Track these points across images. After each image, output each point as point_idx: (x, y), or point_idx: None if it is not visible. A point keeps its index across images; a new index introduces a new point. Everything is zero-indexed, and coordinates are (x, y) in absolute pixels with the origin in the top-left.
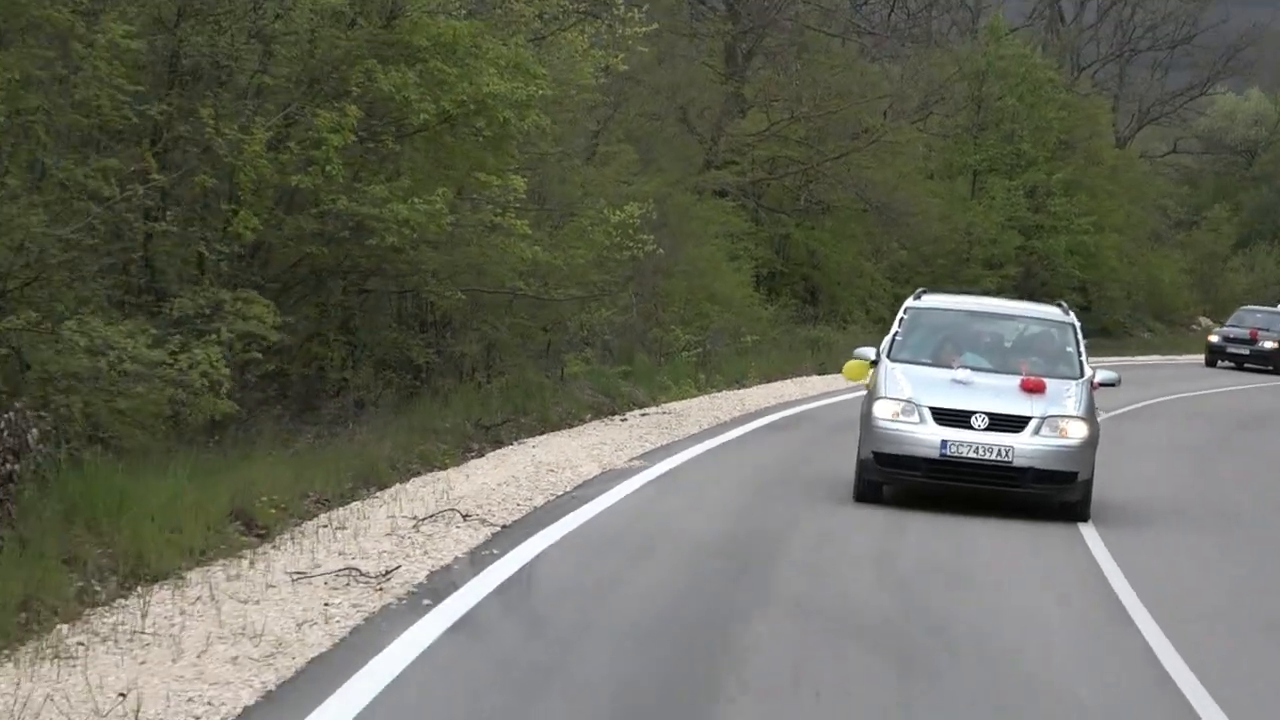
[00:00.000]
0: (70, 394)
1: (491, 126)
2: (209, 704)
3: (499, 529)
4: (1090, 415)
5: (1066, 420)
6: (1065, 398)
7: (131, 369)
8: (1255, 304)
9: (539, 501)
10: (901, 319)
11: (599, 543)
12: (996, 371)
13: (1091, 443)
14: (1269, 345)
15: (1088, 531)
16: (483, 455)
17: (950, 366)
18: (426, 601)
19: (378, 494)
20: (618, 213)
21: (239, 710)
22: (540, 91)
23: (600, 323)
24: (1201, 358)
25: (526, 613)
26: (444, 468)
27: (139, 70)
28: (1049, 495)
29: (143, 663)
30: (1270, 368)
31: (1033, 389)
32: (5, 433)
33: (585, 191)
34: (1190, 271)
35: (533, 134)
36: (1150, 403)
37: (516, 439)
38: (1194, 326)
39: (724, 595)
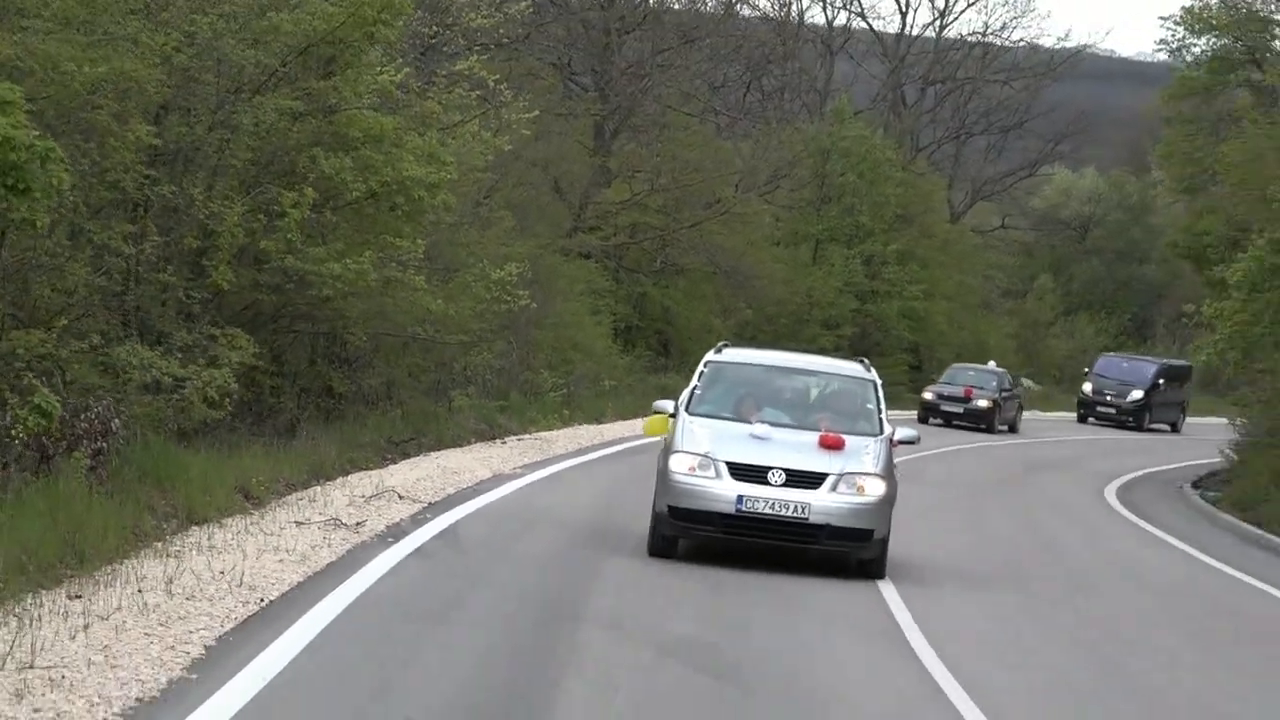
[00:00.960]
0: (126, 398)
1: (409, 202)
2: (274, 580)
3: (426, 505)
4: (888, 473)
5: (864, 477)
6: (864, 454)
7: (166, 382)
8: (970, 363)
9: (451, 491)
10: (701, 373)
11: (499, 515)
12: (796, 427)
13: (889, 500)
14: (983, 404)
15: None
16: (397, 462)
17: (749, 421)
18: (390, 540)
19: (329, 482)
20: (498, 271)
21: (293, 584)
22: (449, 176)
23: (481, 365)
24: (1028, 415)
25: (457, 548)
26: (370, 468)
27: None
28: (845, 552)
29: (224, 558)
30: (983, 426)
31: (831, 445)
32: (97, 420)
33: (470, 252)
34: (1015, 336)
35: (438, 207)
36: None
37: (421, 453)
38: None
39: (590, 546)
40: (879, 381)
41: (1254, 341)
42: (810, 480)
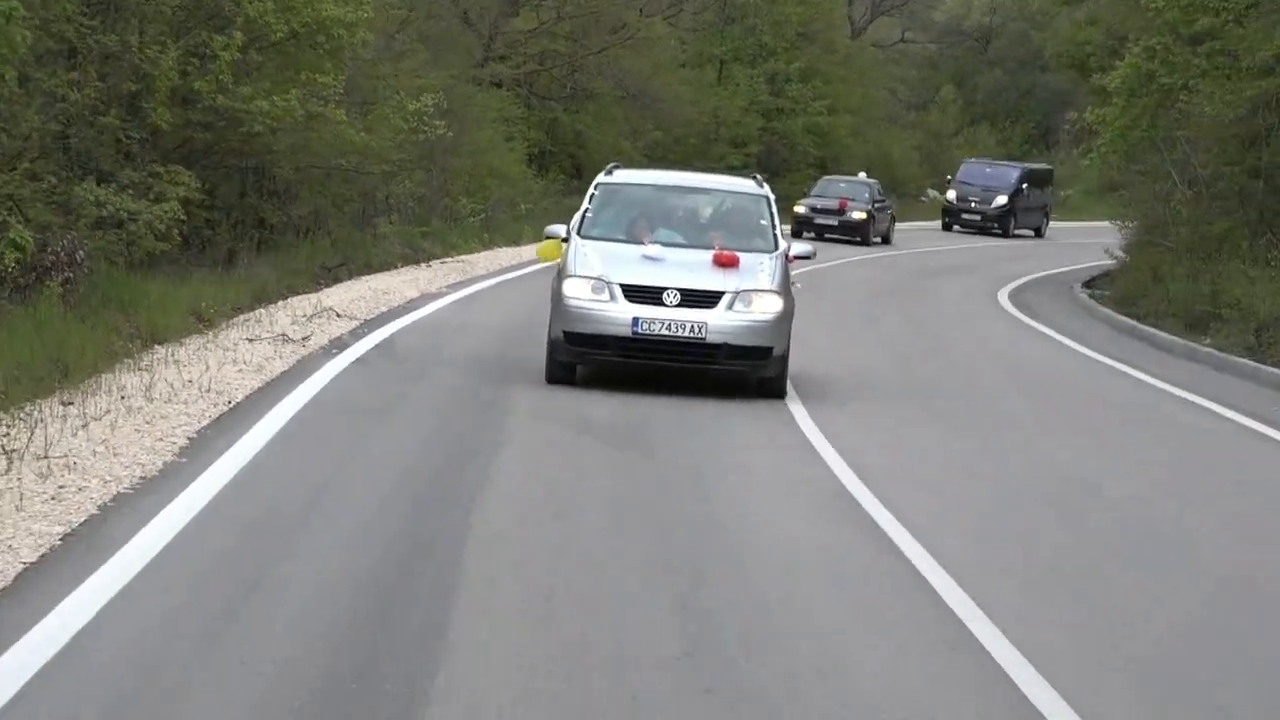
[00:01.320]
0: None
1: (329, 41)
2: (236, 387)
3: (362, 321)
4: (785, 289)
5: (760, 294)
6: (759, 271)
7: (120, 216)
8: (841, 175)
9: (383, 309)
10: (592, 195)
11: (430, 328)
12: (690, 246)
13: (786, 316)
14: (857, 215)
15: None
16: (331, 286)
17: (642, 243)
18: (334, 351)
19: (271, 305)
20: (414, 103)
21: (254, 389)
22: (365, 15)
23: (403, 193)
24: (927, 224)
25: (394, 357)
26: (307, 293)
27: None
28: (744, 371)
29: (190, 370)
30: (857, 238)
31: (726, 264)
32: (63, 253)
33: (387, 85)
34: (919, 148)
35: (356, 44)
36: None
37: (352, 277)
38: (922, 198)
39: (513, 348)
40: (772, 197)
41: (1134, 144)
42: (706, 299)
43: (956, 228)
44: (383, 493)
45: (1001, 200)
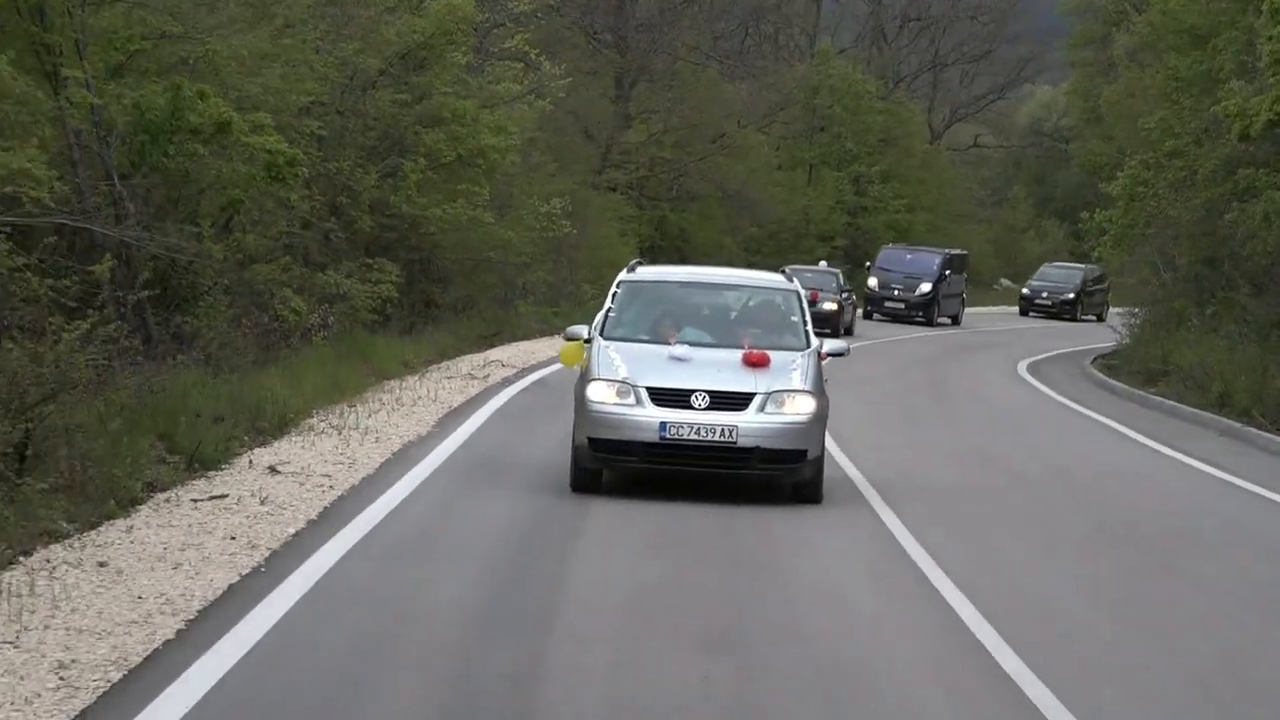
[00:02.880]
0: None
1: (485, 163)
2: (451, 400)
3: (520, 368)
4: (819, 389)
5: (793, 395)
6: (791, 371)
7: (349, 293)
8: (803, 264)
9: (533, 361)
10: (614, 294)
11: (568, 373)
12: (717, 346)
13: (820, 418)
14: (828, 306)
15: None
16: (490, 349)
17: (668, 343)
18: (506, 387)
19: (451, 360)
20: (544, 206)
21: (462, 401)
22: (513, 143)
23: (536, 280)
24: (998, 309)
25: (547, 387)
26: (474, 352)
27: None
28: (778, 476)
29: (416, 393)
30: (829, 330)
31: (756, 363)
32: (318, 317)
33: (523, 191)
34: (993, 241)
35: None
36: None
37: (503, 343)
38: (995, 286)
39: None
40: (802, 292)
41: (1132, 240)
42: (736, 401)
43: (877, 315)
44: (556, 440)
45: (925, 288)
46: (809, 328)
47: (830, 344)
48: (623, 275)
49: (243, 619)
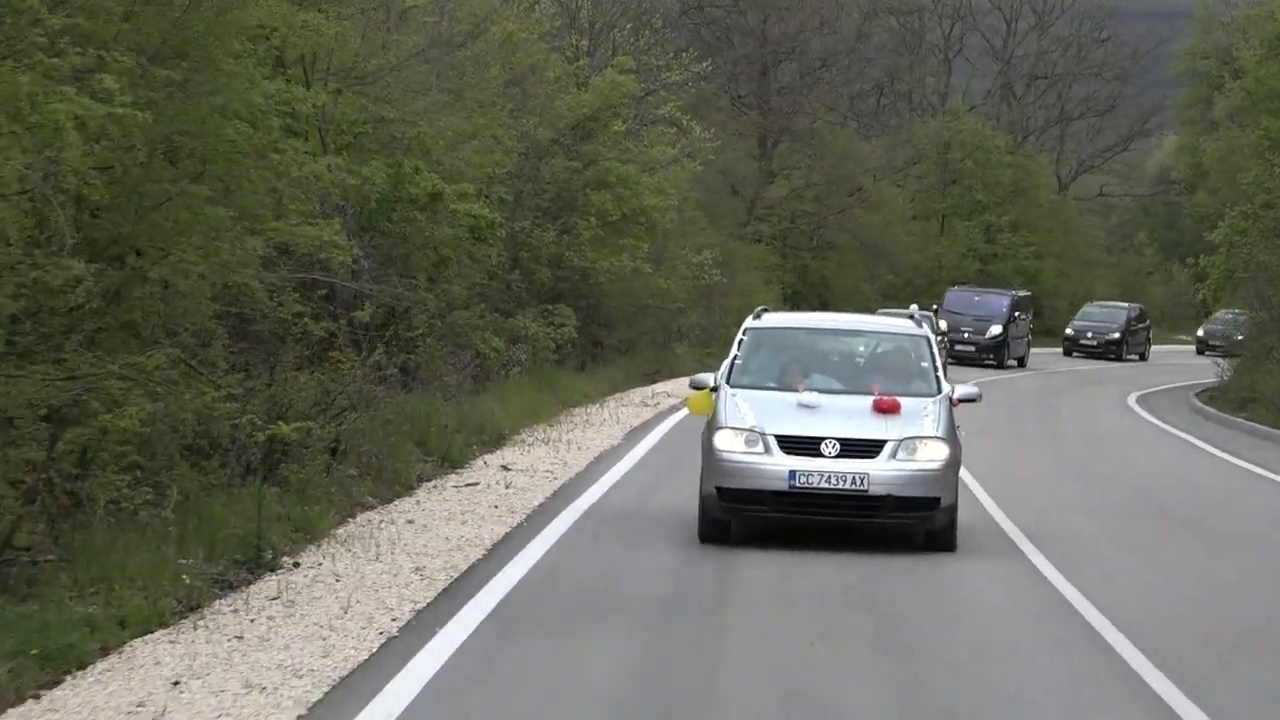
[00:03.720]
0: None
1: (647, 221)
2: (629, 421)
3: (684, 399)
4: (951, 435)
5: (925, 442)
6: (923, 417)
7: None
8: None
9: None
10: (741, 341)
11: None
12: (846, 392)
13: (953, 465)
14: None
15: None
16: (654, 384)
17: (795, 390)
18: (675, 412)
19: (623, 392)
20: (696, 257)
21: (640, 423)
22: (671, 203)
23: (690, 324)
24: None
25: None
26: (640, 386)
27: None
28: (911, 524)
29: (599, 417)
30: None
31: (887, 409)
32: (511, 356)
33: (677, 244)
34: (1119, 285)
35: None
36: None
37: (665, 379)
38: None
39: None
40: (932, 337)
41: (1235, 284)
42: (867, 449)
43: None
44: None
45: (996, 330)
46: (939, 373)
47: (962, 389)
48: (749, 322)
49: (523, 549)
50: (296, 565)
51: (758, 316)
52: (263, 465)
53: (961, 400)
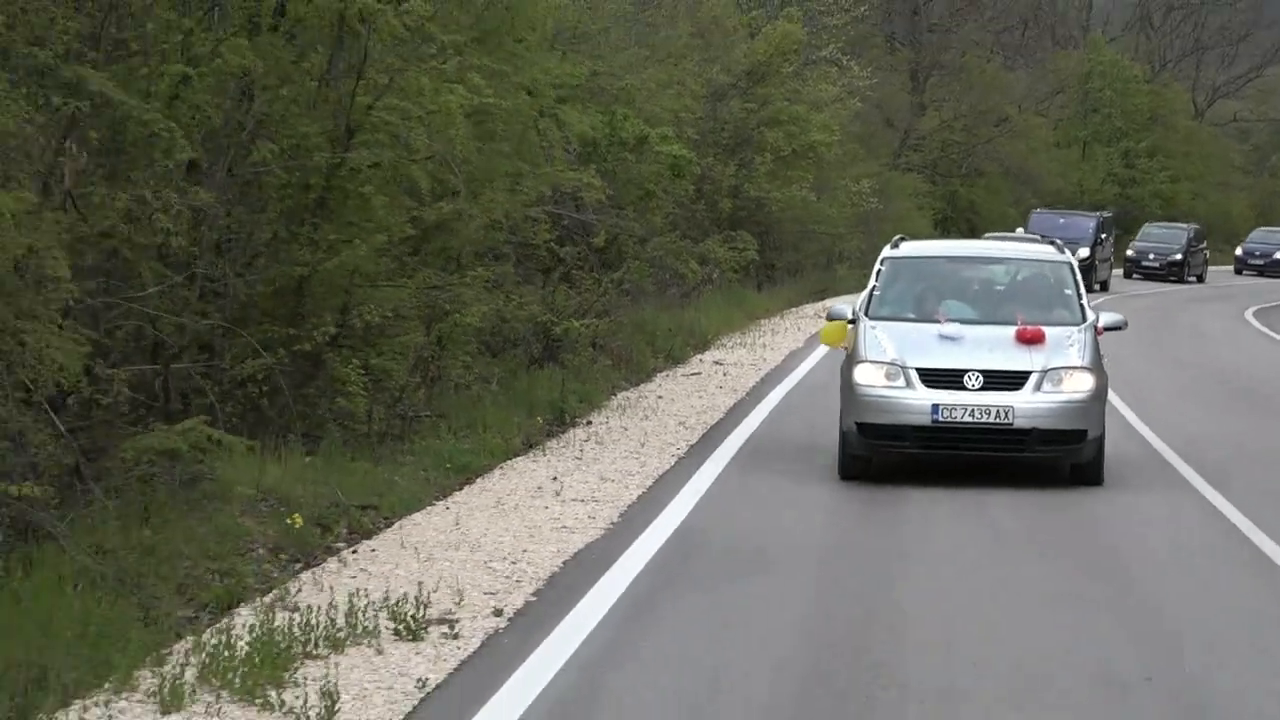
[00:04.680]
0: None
1: (815, 156)
2: (805, 333)
3: None
4: (1097, 365)
5: (1071, 372)
6: (1068, 347)
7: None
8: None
9: None
10: (879, 271)
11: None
12: (988, 323)
13: (1100, 395)
14: None
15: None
16: (821, 300)
17: (936, 321)
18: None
19: (796, 308)
20: (855, 186)
21: (799, 346)
22: (835, 138)
23: (851, 248)
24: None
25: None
26: (810, 303)
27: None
28: (1057, 458)
29: (781, 326)
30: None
31: (1030, 339)
32: (705, 270)
33: (837, 174)
34: (1255, 206)
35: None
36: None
37: (830, 297)
38: None
39: None
40: (1075, 263)
41: None
42: (1011, 380)
43: None
44: None
45: (1084, 252)
46: (1084, 301)
47: (1106, 316)
48: (886, 251)
49: (754, 409)
50: (589, 424)
51: (895, 245)
52: (543, 355)
53: (1107, 328)
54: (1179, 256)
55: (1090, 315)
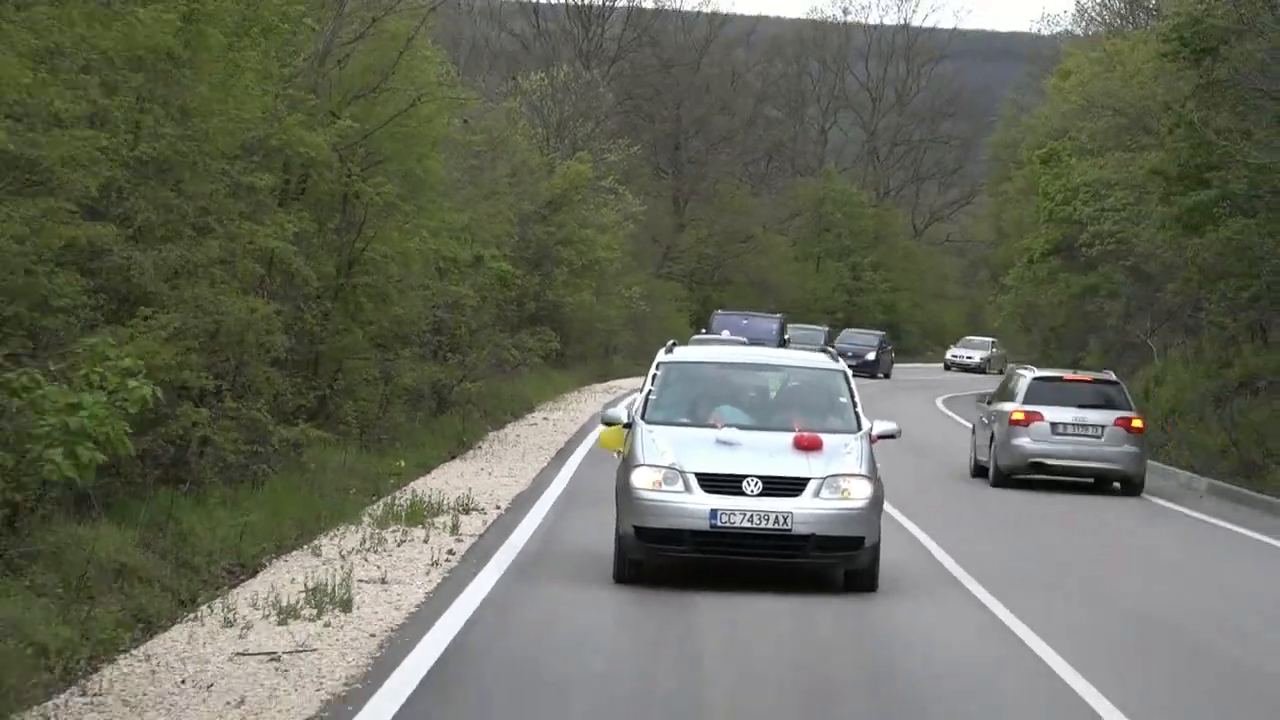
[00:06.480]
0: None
1: (600, 268)
2: (594, 408)
3: (630, 390)
4: (874, 473)
5: (849, 479)
6: (845, 454)
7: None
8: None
9: (635, 387)
10: (654, 375)
11: None
12: (764, 429)
13: (877, 503)
14: None
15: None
16: (605, 381)
17: (713, 426)
18: (626, 395)
19: (587, 386)
20: (627, 291)
21: (609, 399)
22: (615, 254)
23: (623, 343)
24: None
25: None
26: (598, 383)
27: None
28: (834, 564)
29: (575, 406)
30: None
31: (808, 446)
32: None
33: (614, 282)
34: (966, 314)
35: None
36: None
37: (610, 379)
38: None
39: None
40: (849, 371)
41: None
42: (791, 487)
43: None
44: None
45: None
46: (859, 409)
47: (881, 425)
48: (661, 356)
49: (582, 442)
50: (480, 446)
51: (669, 350)
52: (438, 408)
53: (881, 437)
54: (872, 356)
55: (866, 424)
